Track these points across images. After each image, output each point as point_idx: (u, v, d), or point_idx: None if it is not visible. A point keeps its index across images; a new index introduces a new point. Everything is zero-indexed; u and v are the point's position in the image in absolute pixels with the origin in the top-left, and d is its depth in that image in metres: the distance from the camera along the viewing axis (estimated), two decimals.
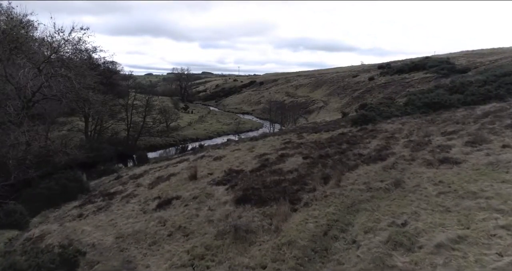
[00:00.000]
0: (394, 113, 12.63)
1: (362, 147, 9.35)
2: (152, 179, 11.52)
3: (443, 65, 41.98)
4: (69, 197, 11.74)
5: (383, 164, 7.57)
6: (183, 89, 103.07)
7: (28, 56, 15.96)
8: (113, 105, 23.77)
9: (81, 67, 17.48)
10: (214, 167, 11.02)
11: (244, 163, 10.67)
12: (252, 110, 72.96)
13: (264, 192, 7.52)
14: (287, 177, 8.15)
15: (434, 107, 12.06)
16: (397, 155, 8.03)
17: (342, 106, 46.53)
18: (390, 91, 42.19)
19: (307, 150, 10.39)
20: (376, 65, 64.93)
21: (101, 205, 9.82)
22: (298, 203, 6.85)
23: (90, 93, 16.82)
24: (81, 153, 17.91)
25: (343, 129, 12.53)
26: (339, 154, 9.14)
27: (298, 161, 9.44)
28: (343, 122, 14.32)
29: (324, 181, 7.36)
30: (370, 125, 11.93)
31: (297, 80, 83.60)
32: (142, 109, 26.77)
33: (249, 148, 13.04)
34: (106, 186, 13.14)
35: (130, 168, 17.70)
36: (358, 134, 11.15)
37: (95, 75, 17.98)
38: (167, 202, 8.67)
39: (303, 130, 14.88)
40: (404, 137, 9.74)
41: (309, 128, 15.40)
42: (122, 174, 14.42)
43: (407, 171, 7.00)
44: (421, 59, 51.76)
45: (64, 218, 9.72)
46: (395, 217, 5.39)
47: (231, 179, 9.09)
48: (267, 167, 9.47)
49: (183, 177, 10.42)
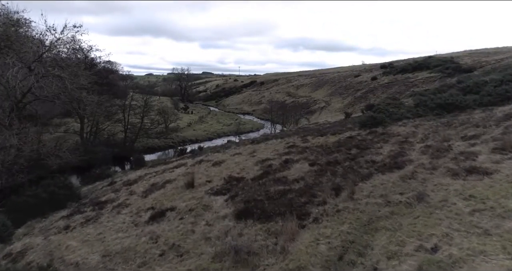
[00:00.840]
0: (405, 115, 11.84)
1: (374, 153, 8.56)
2: (147, 186, 10.75)
3: (448, 65, 41.17)
4: (57, 205, 10.97)
5: (400, 173, 6.78)
6: (183, 90, 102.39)
7: (19, 55, 15.20)
8: (109, 106, 22.97)
9: (75, 67, 16.71)
10: (212, 173, 10.24)
11: (245, 169, 9.89)
12: (253, 111, 72.15)
13: (267, 204, 6.74)
14: (293, 187, 7.36)
15: (448, 108, 11.27)
16: (415, 162, 7.24)
17: (345, 107, 45.70)
18: (394, 91, 41.36)
19: (313, 155, 9.60)
20: (378, 64, 64.10)
21: (90, 216, 9.05)
22: (307, 218, 6.07)
23: (84, 93, 16.03)
24: (75, 156, 17.15)
25: (351, 132, 11.74)
26: (349, 160, 8.35)
27: (304, 167, 8.65)
28: (350, 125, 13.53)
29: (335, 193, 6.57)
30: (380, 128, 11.14)
31: (298, 80, 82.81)
32: (140, 110, 26.00)
33: (251, 152, 12.26)
34: (98, 192, 12.36)
35: (126, 172, 16.93)
36: (368, 138, 10.36)
37: (90, 75, 17.19)
38: (161, 213, 7.90)
39: (307, 133, 14.09)
40: (419, 141, 8.95)
41: (314, 131, 14.61)
42: (116, 179, 13.66)
43: (429, 182, 6.21)
44: (425, 59, 50.92)
45: (49, 230, 8.95)
46: (423, 239, 4.60)
47: (231, 188, 8.31)
48: (270, 175, 8.70)
49: (179, 185, 9.64)
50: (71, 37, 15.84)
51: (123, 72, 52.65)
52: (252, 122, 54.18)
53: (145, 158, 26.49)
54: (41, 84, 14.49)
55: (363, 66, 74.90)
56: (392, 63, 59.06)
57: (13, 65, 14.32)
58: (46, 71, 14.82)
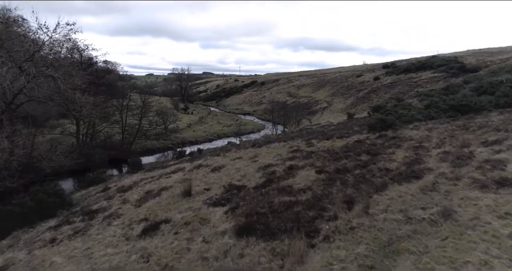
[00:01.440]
0: (415, 117, 11.15)
1: (387, 159, 7.87)
2: (141, 193, 10.07)
3: (452, 64, 40.48)
4: (46, 214, 10.30)
5: (419, 184, 6.09)
6: (183, 90, 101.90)
7: (10, 53, 14.53)
8: (105, 107, 22.29)
9: (68, 67, 16.03)
10: (211, 180, 9.56)
11: (246, 176, 9.21)
12: (254, 111, 71.49)
13: (272, 218, 6.06)
14: (300, 198, 6.68)
15: (462, 110, 10.59)
16: (435, 171, 6.55)
17: (347, 107, 45.01)
18: (397, 91, 40.66)
19: (320, 161, 8.91)
20: (380, 64, 63.38)
21: (79, 227, 8.38)
22: (316, 236, 5.39)
23: (78, 94, 15.35)
24: (70, 159, 16.48)
25: (359, 135, 11.05)
26: (360, 168, 7.66)
27: (310, 175, 7.96)
28: (357, 127, 12.83)
29: (347, 206, 5.88)
30: (390, 132, 10.45)
31: (299, 80, 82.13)
32: (137, 111, 25.31)
33: (252, 156, 11.58)
34: (90, 199, 11.69)
35: (122, 176, 16.26)
36: (378, 143, 9.66)
37: (84, 75, 16.52)
38: (155, 226, 7.22)
39: (311, 136, 13.41)
40: (435, 146, 8.26)
41: (318, 134, 13.92)
42: (110, 185, 12.98)
43: (454, 195, 5.52)
44: (428, 58, 50.20)
45: (34, 242, 8.28)
46: (456, 267, 3.91)
47: (231, 198, 7.63)
48: (274, 183, 8.01)
49: (176, 193, 8.96)
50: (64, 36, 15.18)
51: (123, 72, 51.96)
52: (252, 123, 53.52)
53: (143, 160, 25.83)
54: (33, 85, 13.81)
55: (365, 66, 74.20)
56: (395, 63, 58.35)
57: (3, 64, 13.65)
58: (38, 71, 14.14)
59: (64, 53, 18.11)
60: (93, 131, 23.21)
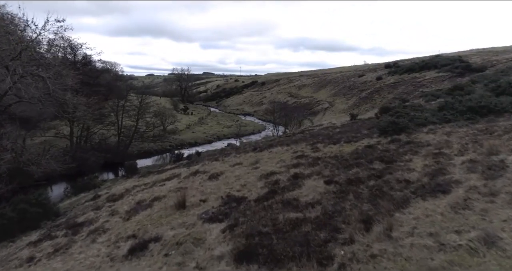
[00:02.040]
0: (430, 120, 10.30)
1: (405, 169, 7.01)
2: (132, 203, 9.23)
3: (457, 64, 39.59)
4: (29, 226, 9.47)
5: (448, 200, 5.24)
6: (183, 90, 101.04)
7: None
8: (99, 109, 21.44)
9: (59, 66, 15.20)
10: (208, 189, 8.71)
11: (246, 185, 8.36)
12: (254, 112, 70.64)
13: (276, 240, 5.21)
14: (308, 215, 5.83)
15: (481, 112, 9.75)
16: (464, 184, 5.70)
17: (349, 108, 44.13)
18: (401, 91, 39.77)
19: (328, 170, 8.06)
20: (383, 64, 62.46)
21: (61, 244, 7.53)
22: (330, 264, 4.54)
23: (68, 95, 14.52)
24: (60, 163, 15.64)
25: (369, 140, 10.19)
26: (375, 178, 6.81)
27: (318, 186, 7.11)
28: (365, 130, 11.96)
29: (365, 226, 5.04)
30: (403, 136, 9.59)
31: (299, 80, 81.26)
32: (134, 113, 24.46)
33: (253, 162, 10.73)
34: (78, 209, 10.85)
35: (115, 182, 15.43)
36: (392, 148, 8.81)
37: (76, 75, 15.69)
38: (143, 245, 6.37)
39: (316, 140, 12.55)
40: (457, 153, 7.40)
41: (323, 137, 13.06)
42: (101, 192, 12.15)
43: (493, 215, 4.67)
44: (431, 58, 49.30)
45: (11, 261, 7.44)
46: None
47: (230, 212, 6.78)
48: (278, 194, 7.17)
49: (169, 204, 8.11)
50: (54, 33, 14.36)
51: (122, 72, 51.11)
52: (253, 124, 52.67)
53: (140, 163, 25.00)
54: (19, 85, 12.97)
55: (366, 66, 73.27)
56: (397, 62, 57.45)
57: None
58: (25, 71, 13.30)
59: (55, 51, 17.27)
60: (87, 134, 22.38)
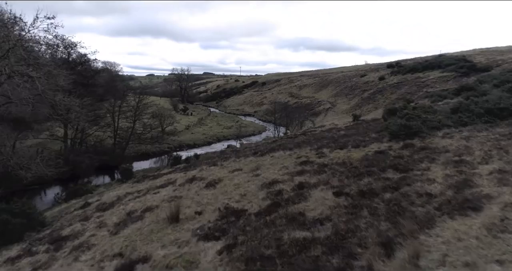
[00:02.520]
0: (444, 123, 9.55)
1: (424, 179, 6.26)
2: (122, 214, 8.49)
3: (462, 63, 38.85)
4: (11, 238, 8.74)
5: (482, 220, 4.50)
6: (183, 90, 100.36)
7: None
8: (94, 110, 20.70)
9: (50, 66, 14.48)
10: (205, 199, 7.98)
11: (246, 195, 7.63)
12: (255, 112, 69.92)
13: (281, 267, 4.48)
14: (317, 234, 5.09)
15: (500, 115, 9.01)
16: (497, 199, 4.95)
17: (352, 108, 43.36)
18: (404, 91, 39.01)
19: (337, 179, 7.32)
20: (385, 64, 61.68)
21: (40, 261, 6.80)
22: None
23: (59, 96, 13.80)
24: (52, 167, 14.91)
25: (379, 144, 9.44)
26: (391, 190, 6.06)
27: (327, 198, 6.37)
28: (374, 134, 11.21)
29: (385, 251, 4.30)
30: (417, 140, 8.84)
31: (300, 80, 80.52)
32: (131, 114, 23.72)
33: (253, 168, 9.99)
34: (66, 218, 10.12)
35: (109, 187, 14.71)
36: (405, 154, 8.06)
37: (68, 75, 14.96)
38: (129, 267, 5.64)
39: (321, 143, 11.80)
40: (481, 161, 6.66)
41: (328, 140, 12.31)
42: (91, 200, 11.42)
43: None
44: (435, 57, 48.53)
45: None
46: None
47: (228, 228, 6.04)
48: (281, 207, 6.43)
49: (161, 217, 7.38)
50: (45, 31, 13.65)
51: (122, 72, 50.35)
52: (253, 125, 51.94)
53: (138, 165, 24.29)
54: (6, 86, 12.25)
55: (368, 66, 72.45)
56: (400, 62, 56.65)
57: None
58: (13, 70, 12.58)
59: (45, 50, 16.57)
60: (82, 136, 21.66)
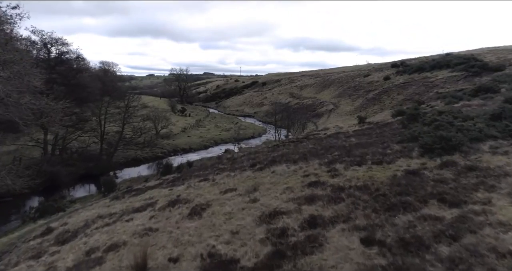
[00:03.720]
0: (487, 133, 7.66)
1: (494, 223, 4.37)
2: (80, 253, 6.60)
3: (472, 62, 36.83)
4: None
5: None
6: (182, 90, 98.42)
7: None
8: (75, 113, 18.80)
9: (19, 64, 12.59)
10: (185, 236, 6.10)
11: (240, 233, 5.75)
12: (254, 113, 68.02)
13: None
14: None
15: None
16: None
17: (356, 109, 41.40)
18: (412, 92, 37.03)
19: (361, 212, 5.43)
20: (389, 63, 59.74)
21: None
22: None
23: (27, 98, 11.94)
24: (21, 179, 13.03)
25: (407, 160, 7.54)
26: (447, 239, 4.17)
27: (352, 247, 4.50)
28: (396, 145, 9.27)
29: None
30: (458, 156, 6.95)
31: (301, 80, 78.63)
32: (120, 117, 21.81)
33: (250, 188, 8.10)
34: (19, 251, 8.23)
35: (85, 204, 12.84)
36: (448, 177, 6.15)
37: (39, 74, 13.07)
38: None
39: (331, 155, 9.90)
40: None
41: (340, 151, 10.38)
42: (55, 224, 9.52)
43: None
44: (442, 57, 46.55)
45: None
46: None
47: None
48: (287, 260, 4.57)
49: (124, 264, 5.51)
50: (8, 23, 11.79)
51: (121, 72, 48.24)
52: (253, 126, 50.03)
53: (127, 172, 22.40)
54: None
55: (371, 66, 70.50)
56: (404, 61, 54.67)
57: None
58: None
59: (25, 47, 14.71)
60: (63, 142, 19.75)
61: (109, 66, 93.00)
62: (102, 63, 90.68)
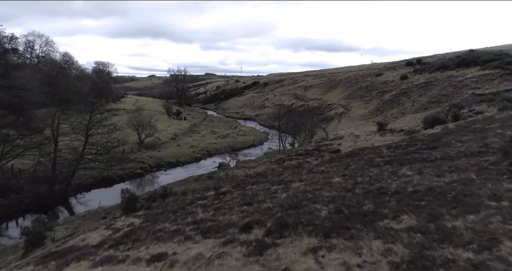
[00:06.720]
0: None
1: None
2: None
3: (508, 59, 31.86)
4: None
5: None
6: (179, 92, 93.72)
7: None
8: (7, 125, 14.05)
9: None
10: None
11: None
12: (256, 116, 63.14)
13: None
14: None
15: None
16: None
17: (370, 113, 36.38)
18: (437, 93, 31.93)
19: None
20: (402, 61, 54.75)
21: None
22: None
23: None
24: None
25: None
26: None
27: None
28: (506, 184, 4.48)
29: None
30: None
31: (305, 81, 73.66)
32: (82, 127, 17.08)
33: None
34: None
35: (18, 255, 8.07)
36: None
37: None
38: None
39: (396, 217, 5.06)
40: None
41: (409, 207, 5.55)
42: None
43: None
44: (467, 53, 41.49)
45: None
46: None
47: None
48: None
49: None
50: None
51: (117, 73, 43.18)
52: (253, 132, 45.03)
53: (92, 197, 17.67)
54: None
55: (382, 64, 65.54)
56: (421, 59, 49.67)
57: None
58: None
59: None
60: None
61: (105, 66, 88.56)
62: (97, 63, 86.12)
